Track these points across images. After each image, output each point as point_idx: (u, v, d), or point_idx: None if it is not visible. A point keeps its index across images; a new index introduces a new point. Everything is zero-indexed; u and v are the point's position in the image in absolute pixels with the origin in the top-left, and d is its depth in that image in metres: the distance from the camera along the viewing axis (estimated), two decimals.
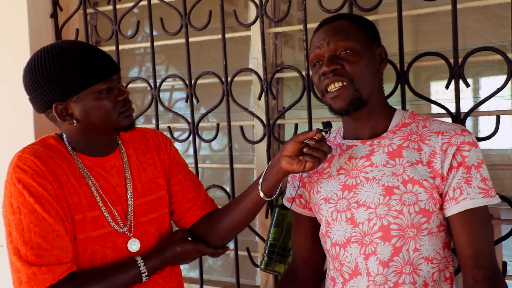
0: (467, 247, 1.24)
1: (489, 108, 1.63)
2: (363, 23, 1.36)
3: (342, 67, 1.29)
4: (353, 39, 1.30)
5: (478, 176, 1.24)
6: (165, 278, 1.44)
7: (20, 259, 1.22)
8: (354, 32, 1.32)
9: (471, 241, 1.23)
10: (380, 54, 1.36)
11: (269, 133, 1.87)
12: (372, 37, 1.35)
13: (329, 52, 1.31)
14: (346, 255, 1.32)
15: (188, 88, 2.00)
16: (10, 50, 2.18)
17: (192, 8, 1.95)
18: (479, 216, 1.24)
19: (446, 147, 1.25)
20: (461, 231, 1.24)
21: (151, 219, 1.44)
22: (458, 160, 1.24)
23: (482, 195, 1.23)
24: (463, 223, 1.24)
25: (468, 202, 1.23)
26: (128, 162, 1.43)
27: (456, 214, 1.25)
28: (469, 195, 1.23)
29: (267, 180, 1.38)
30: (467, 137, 1.26)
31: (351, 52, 1.30)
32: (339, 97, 1.30)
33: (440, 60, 1.62)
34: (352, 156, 1.36)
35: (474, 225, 1.23)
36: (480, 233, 1.23)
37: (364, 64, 1.30)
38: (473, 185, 1.23)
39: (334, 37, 1.31)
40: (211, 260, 2.53)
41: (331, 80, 1.30)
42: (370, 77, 1.32)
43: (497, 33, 1.94)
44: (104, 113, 1.31)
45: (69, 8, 2.31)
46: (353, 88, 1.29)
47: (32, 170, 1.26)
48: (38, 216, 1.24)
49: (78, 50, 1.28)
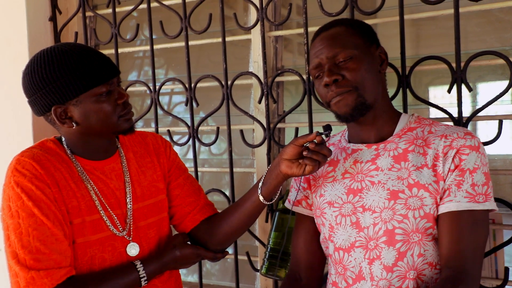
0: (443, 247, 1.23)
1: (488, 113, 1.61)
2: (359, 26, 1.36)
3: (343, 77, 1.29)
4: (350, 46, 1.30)
5: (469, 181, 1.23)
6: (164, 282, 1.43)
7: (19, 263, 1.21)
8: (350, 38, 1.31)
9: (447, 241, 1.22)
10: (380, 55, 1.36)
11: (269, 137, 1.87)
12: (370, 39, 1.35)
13: (328, 63, 1.31)
14: (350, 259, 1.31)
15: (188, 92, 1.99)
16: (8, 53, 2.17)
17: (192, 11, 1.95)
18: (462, 220, 1.22)
19: (447, 150, 1.25)
20: (441, 230, 1.23)
21: (151, 223, 1.43)
22: (456, 163, 1.24)
23: (468, 200, 1.22)
24: (445, 223, 1.23)
25: (452, 204, 1.22)
26: (127, 166, 1.42)
27: (441, 215, 1.24)
28: (455, 197, 1.22)
29: (266, 184, 1.37)
30: (468, 140, 1.25)
31: (350, 59, 1.29)
32: (342, 102, 1.29)
33: (440, 65, 1.61)
34: (357, 160, 1.35)
35: (454, 227, 1.22)
36: (460, 236, 1.21)
37: (364, 69, 1.30)
38: (463, 188, 1.23)
39: (331, 47, 1.31)
40: (209, 265, 2.52)
41: (335, 92, 1.30)
42: (372, 81, 1.31)
43: (499, 37, 1.94)
44: (104, 116, 1.30)
45: (68, 11, 2.31)
46: (356, 94, 1.29)
47: (30, 174, 1.25)
48: (37, 220, 1.23)
49: (78, 52, 1.27)
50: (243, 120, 2.04)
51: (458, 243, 1.21)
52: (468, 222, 1.22)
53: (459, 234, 1.21)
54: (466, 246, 1.21)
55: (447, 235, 1.22)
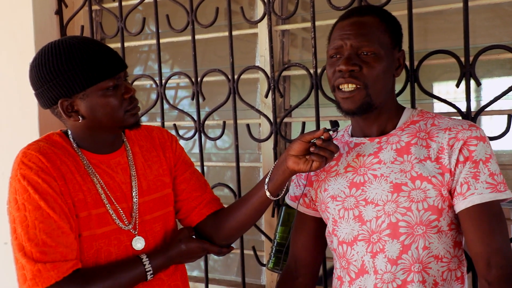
0: (477, 244, 1.21)
1: (493, 109, 1.60)
2: (392, 24, 1.33)
3: (360, 69, 1.27)
4: (378, 43, 1.27)
5: (486, 171, 1.22)
6: (170, 276, 1.43)
7: (25, 256, 1.21)
8: (380, 34, 1.28)
9: (480, 237, 1.20)
10: (398, 59, 1.34)
11: (276, 131, 1.86)
12: (396, 41, 1.33)
13: (350, 50, 1.28)
14: (353, 253, 1.31)
15: (194, 86, 1.98)
16: (15, 46, 2.18)
17: (199, 5, 1.94)
18: (488, 211, 1.20)
19: (453, 142, 1.24)
20: (469, 227, 1.22)
21: (156, 217, 1.43)
22: (465, 154, 1.23)
23: (490, 190, 1.21)
24: (471, 219, 1.21)
25: (476, 197, 1.21)
26: (133, 160, 1.42)
27: (464, 210, 1.22)
28: (477, 190, 1.21)
29: (273, 179, 1.37)
30: (474, 131, 1.24)
31: (372, 55, 1.27)
32: (350, 99, 1.28)
33: (448, 59, 1.60)
34: (360, 153, 1.35)
35: (483, 220, 1.20)
36: (490, 229, 1.20)
37: (382, 70, 1.27)
38: (481, 179, 1.21)
39: (358, 37, 1.27)
40: (211, 261, 2.51)
41: (346, 80, 1.27)
42: (384, 83, 1.30)
43: (508, 31, 1.92)
44: (110, 111, 1.30)
45: (74, 5, 2.31)
46: (365, 92, 1.27)
47: (37, 167, 1.25)
48: (43, 213, 1.23)
49: (86, 46, 1.27)
50: (250, 114, 2.04)
51: (491, 237, 1.19)
52: (495, 213, 1.21)
53: (489, 227, 1.20)
54: (501, 239, 1.20)
55: (477, 229, 1.20)
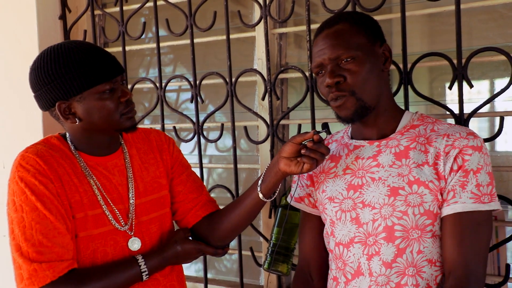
0: (447, 250, 1.23)
1: (491, 110, 1.60)
2: (364, 23, 1.33)
3: (345, 79, 1.28)
4: (354, 47, 1.28)
5: (474, 181, 1.22)
6: (166, 277, 1.45)
7: (22, 256, 1.24)
8: (354, 37, 1.29)
9: (450, 245, 1.22)
10: (383, 53, 1.33)
11: (273, 133, 1.88)
12: (374, 37, 1.32)
13: (330, 63, 1.29)
14: (349, 255, 1.32)
15: (193, 89, 2.01)
16: (19, 50, 2.21)
17: (197, 9, 1.96)
18: (467, 222, 1.22)
19: (449, 150, 1.24)
20: (445, 233, 1.23)
21: (153, 218, 1.45)
22: (458, 163, 1.23)
23: (473, 201, 1.21)
24: (449, 225, 1.23)
25: (458, 206, 1.22)
26: (130, 162, 1.44)
27: (446, 216, 1.24)
28: (461, 199, 1.22)
29: (266, 181, 1.38)
30: (471, 140, 1.24)
31: (352, 60, 1.28)
32: (342, 107, 1.30)
33: (441, 61, 1.60)
34: (359, 156, 1.36)
35: (458, 230, 1.21)
36: (462, 239, 1.21)
37: (366, 71, 1.28)
38: (467, 189, 1.22)
39: (333, 48, 1.28)
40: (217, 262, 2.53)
41: (334, 94, 1.29)
42: (374, 81, 1.30)
43: (503, 33, 1.92)
44: (106, 114, 1.32)
45: (78, 10, 2.34)
46: (355, 99, 1.28)
47: (34, 169, 1.28)
48: (40, 214, 1.26)
49: (83, 50, 1.30)
50: (248, 116, 2.05)
51: (460, 246, 1.21)
52: (472, 224, 1.22)
53: (462, 236, 1.21)
54: (469, 249, 1.21)
55: (449, 238, 1.22)
